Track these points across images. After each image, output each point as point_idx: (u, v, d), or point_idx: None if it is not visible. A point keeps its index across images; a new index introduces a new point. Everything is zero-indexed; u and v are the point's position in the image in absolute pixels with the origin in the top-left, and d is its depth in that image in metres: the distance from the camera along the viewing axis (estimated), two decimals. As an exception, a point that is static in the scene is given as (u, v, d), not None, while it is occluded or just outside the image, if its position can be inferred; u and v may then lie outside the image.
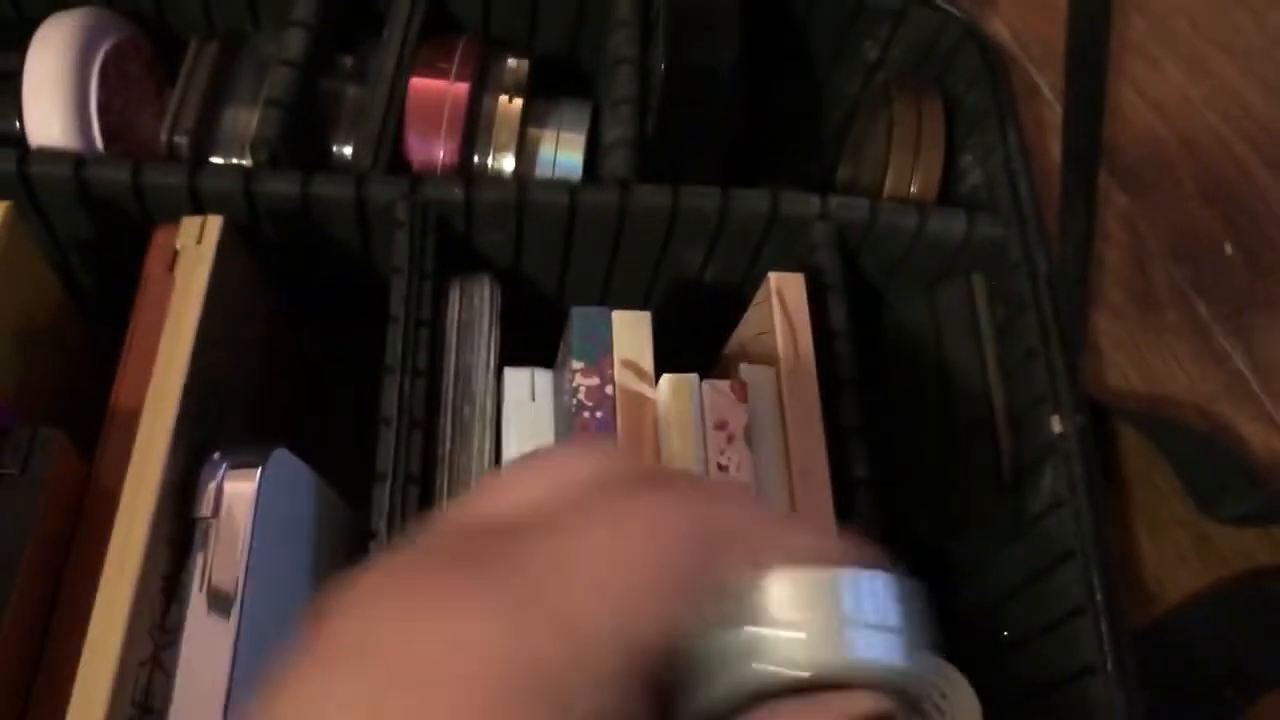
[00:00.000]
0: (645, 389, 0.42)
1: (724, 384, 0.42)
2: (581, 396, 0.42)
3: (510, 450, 0.42)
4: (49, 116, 0.47)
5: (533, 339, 0.46)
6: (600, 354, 0.42)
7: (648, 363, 0.42)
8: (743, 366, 0.43)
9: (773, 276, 0.45)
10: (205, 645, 0.37)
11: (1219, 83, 0.65)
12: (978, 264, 0.49)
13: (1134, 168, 0.61)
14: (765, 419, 0.42)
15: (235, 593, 0.38)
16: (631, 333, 0.43)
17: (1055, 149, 0.53)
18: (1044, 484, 0.43)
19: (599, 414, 0.41)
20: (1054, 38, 0.61)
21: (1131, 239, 0.58)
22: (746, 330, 0.47)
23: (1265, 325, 0.56)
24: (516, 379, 0.43)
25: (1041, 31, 0.66)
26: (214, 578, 0.38)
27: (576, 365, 0.42)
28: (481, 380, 0.43)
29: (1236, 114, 0.64)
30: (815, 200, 0.47)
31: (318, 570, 0.42)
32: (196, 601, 0.38)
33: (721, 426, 0.41)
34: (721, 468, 0.40)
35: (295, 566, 0.41)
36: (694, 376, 0.42)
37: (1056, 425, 0.43)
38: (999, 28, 0.67)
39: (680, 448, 0.40)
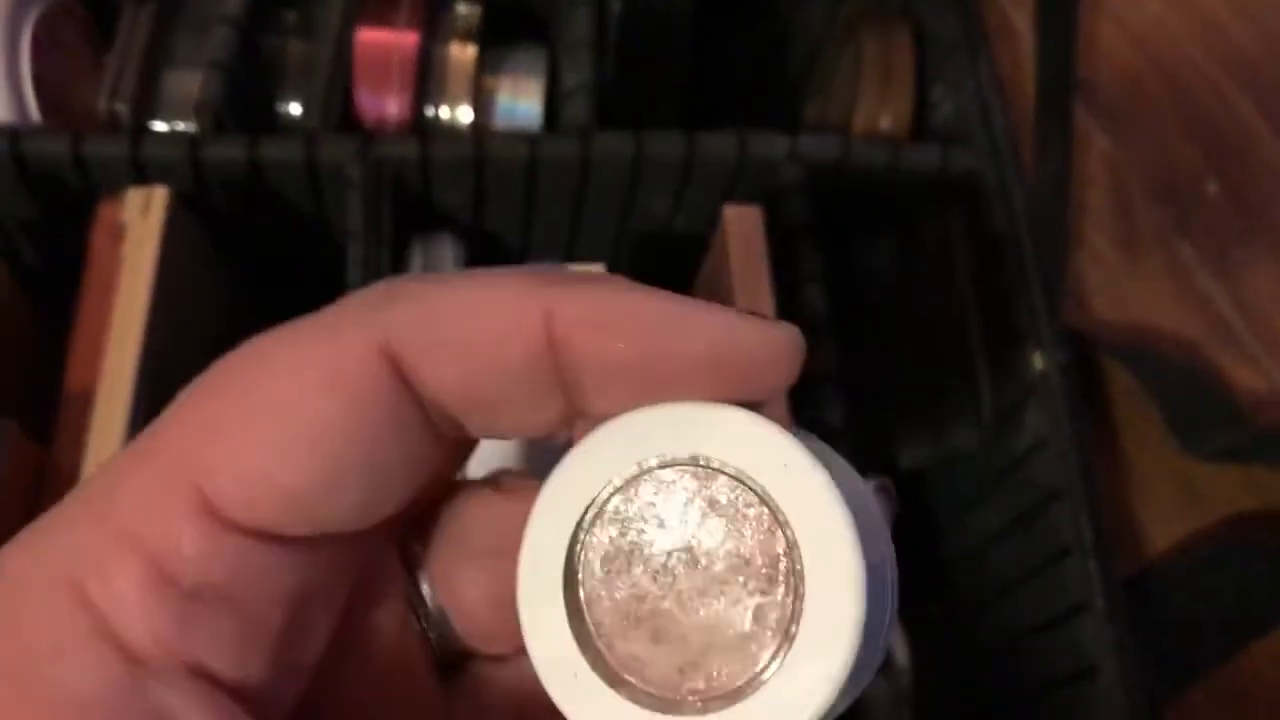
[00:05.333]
0: None
1: None
2: None
3: None
4: (-19, 91, 0.45)
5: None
6: None
7: None
8: None
9: (728, 210, 0.42)
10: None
11: (1199, 13, 0.63)
12: (952, 198, 0.48)
13: (1113, 106, 0.59)
14: None
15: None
16: None
17: (1032, 90, 0.51)
18: (1027, 423, 0.42)
19: None
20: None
21: (1113, 181, 0.57)
22: (708, 270, 0.46)
23: (1250, 265, 0.54)
24: None
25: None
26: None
27: None
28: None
29: (1218, 45, 0.61)
30: (784, 140, 0.46)
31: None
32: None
33: None
34: None
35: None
36: None
37: (1038, 362, 0.42)
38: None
39: None
